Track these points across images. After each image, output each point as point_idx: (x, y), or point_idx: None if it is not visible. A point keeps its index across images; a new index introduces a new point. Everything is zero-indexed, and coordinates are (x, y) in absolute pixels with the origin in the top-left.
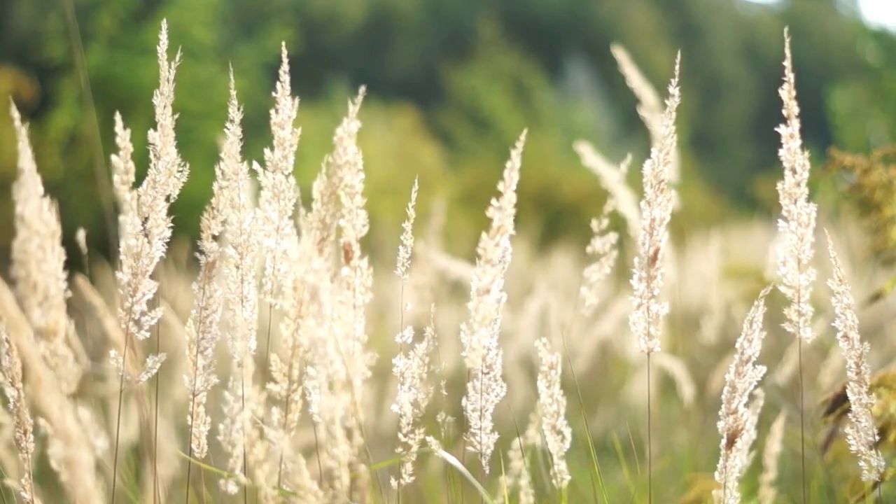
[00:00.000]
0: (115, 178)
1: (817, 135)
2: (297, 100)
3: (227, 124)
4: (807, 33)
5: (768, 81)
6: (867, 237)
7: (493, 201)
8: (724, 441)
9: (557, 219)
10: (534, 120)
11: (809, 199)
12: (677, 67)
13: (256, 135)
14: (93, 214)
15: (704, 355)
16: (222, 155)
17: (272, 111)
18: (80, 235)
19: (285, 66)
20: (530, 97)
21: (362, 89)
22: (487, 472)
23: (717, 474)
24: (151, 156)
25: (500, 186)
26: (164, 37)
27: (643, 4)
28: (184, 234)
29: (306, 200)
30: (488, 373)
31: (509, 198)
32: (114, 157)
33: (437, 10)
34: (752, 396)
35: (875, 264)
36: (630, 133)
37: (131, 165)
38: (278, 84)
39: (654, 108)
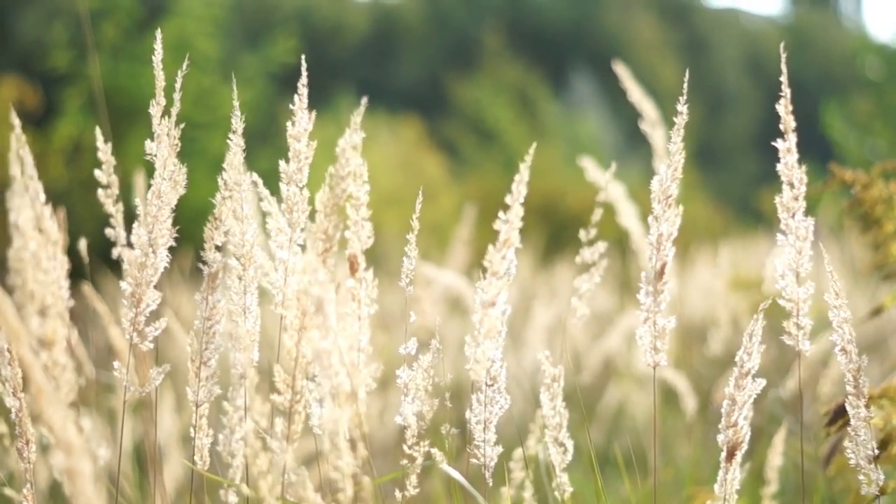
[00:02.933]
0: (100, 192)
1: (820, 148)
2: (314, 113)
3: (230, 135)
4: (811, 46)
5: (772, 94)
6: (869, 252)
7: (501, 214)
8: (723, 454)
9: (561, 230)
10: (538, 131)
11: (811, 213)
12: (685, 84)
13: (262, 144)
14: (96, 223)
15: (709, 368)
16: (225, 165)
17: (288, 123)
18: (82, 245)
19: (304, 79)
20: (535, 109)
21: (364, 100)
22: (491, 484)
23: (717, 487)
24: (158, 166)
25: (508, 199)
26: (158, 47)
27: (648, 17)
28: (188, 243)
29: (309, 211)
30: (492, 385)
31: (517, 211)
32: (97, 172)
33: (441, 20)
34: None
35: (878, 278)
36: (634, 145)
37: (114, 178)
38: (296, 97)
39: (656, 123)
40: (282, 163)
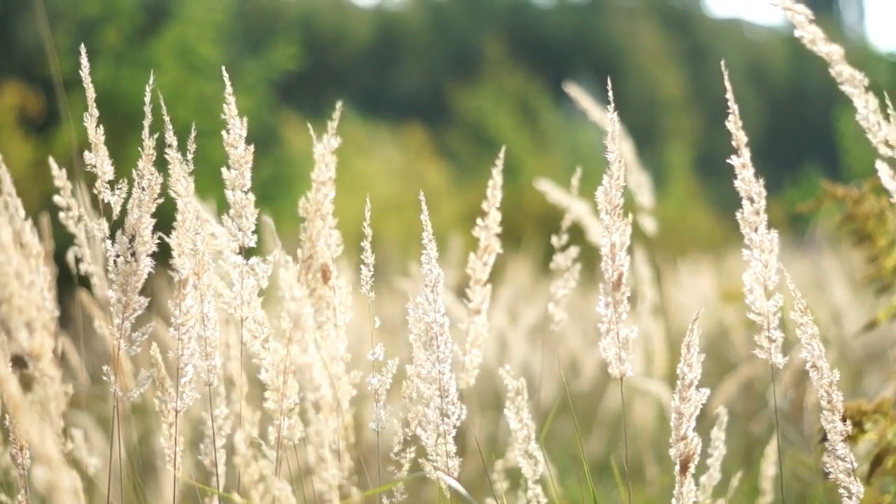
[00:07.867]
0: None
1: (824, 158)
2: (245, 120)
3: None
4: (813, 56)
5: (775, 104)
6: (864, 265)
7: (479, 220)
8: (676, 468)
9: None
10: (539, 140)
11: (809, 225)
12: (610, 90)
13: (262, 153)
14: None
15: (705, 377)
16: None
17: (223, 132)
18: (69, 255)
19: (229, 88)
20: (536, 117)
21: (339, 104)
22: (464, 493)
23: (673, 501)
24: (136, 176)
25: (484, 205)
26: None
27: (651, 26)
28: None
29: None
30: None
31: (494, 216)
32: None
33: (443, 29)
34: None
35: (873, 291)
36: (635, 154)
37: (73, 202)
38: (225, 106)
39: (620, 138)
40: (224, 170)
